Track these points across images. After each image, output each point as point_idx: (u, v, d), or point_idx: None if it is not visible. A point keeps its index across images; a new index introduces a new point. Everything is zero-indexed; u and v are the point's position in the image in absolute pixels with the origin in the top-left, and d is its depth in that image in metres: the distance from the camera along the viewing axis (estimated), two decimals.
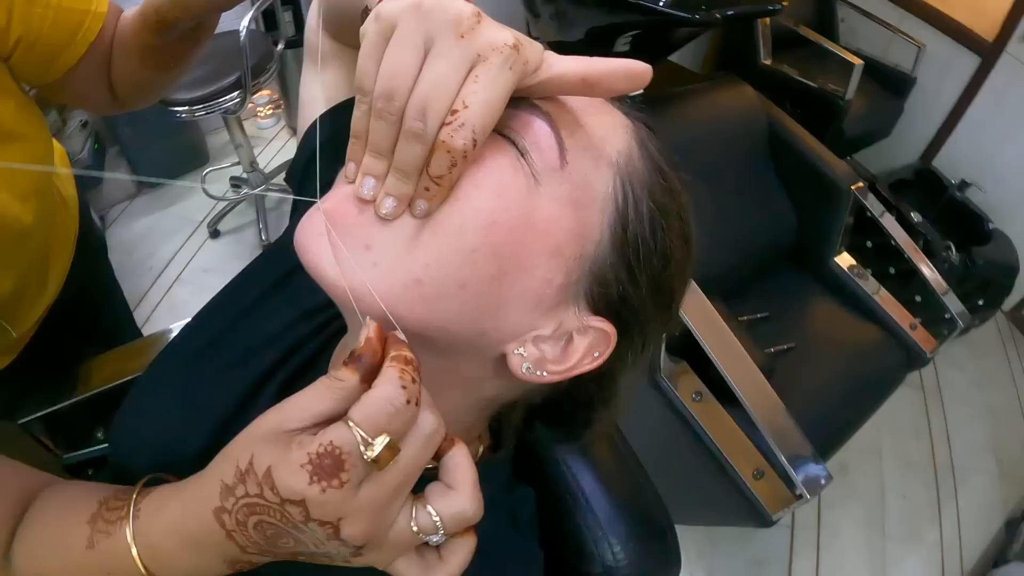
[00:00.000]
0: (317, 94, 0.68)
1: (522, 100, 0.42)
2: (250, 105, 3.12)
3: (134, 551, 0.43)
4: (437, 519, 0.39)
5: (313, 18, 0.66)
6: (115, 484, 0.54)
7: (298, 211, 0.59)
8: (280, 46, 2.58)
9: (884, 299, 1.95)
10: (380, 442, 0.35)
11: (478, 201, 0.40)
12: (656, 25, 1.84)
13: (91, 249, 1.14)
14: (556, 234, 0.42)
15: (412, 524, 0.39)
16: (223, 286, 0.68)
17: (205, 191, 3.00)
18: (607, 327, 0.45)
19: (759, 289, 2.05)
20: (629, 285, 0.45)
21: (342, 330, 0.56)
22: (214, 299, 0.67)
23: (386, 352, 0.38)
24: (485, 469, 0.55)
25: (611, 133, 0.46)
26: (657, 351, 1.40)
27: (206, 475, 0.41)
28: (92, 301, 1.21)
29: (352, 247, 0.41)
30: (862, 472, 2.32)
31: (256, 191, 2.92)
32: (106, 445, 0.97)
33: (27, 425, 1.02)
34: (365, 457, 0.35)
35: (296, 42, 2.76)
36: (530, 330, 0.45)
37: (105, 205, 3.10)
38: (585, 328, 0.46)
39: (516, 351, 0.45)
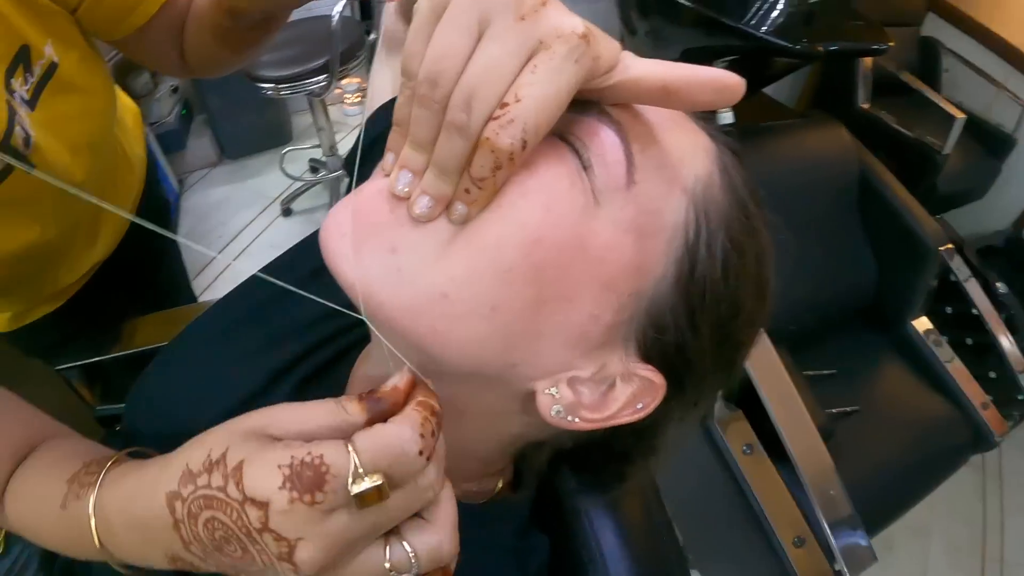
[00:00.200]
0: (385, 82, 0.65)
1: (591, 104, 0.37)
2: (337, 91, 3.15)
3: (92, 522, 0.41)
4: (412, 554, 0.35)
5: (394, 2, 0.63)
6: (125, 447, 0.54)
7: None
8: (373, 35, 2.59)
9: (957, 371, 1.83)
10: (371, 481, 0.32)
11: (523, 213, 0.35)
12: (754, 53, 1.77)
13: (153, 211, 1.14)
14: (611, 264, 0.36)
15: (385, 561, 0.35)
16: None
17: (283, 170, 3.05)
18: (656, 377, 0.39)
19: (829, 343, 1.95)
20: (689, 333, 0.39)
21: (367, 338, 0.51)
22: (250, 279, 0.64)
23: (410, 398, 0.35)
24: (501, 509, 0.50)
25: (690, 154, 0.40)
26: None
27: (171, 458, 0.37)
28: (148, 262, 1.21)
29: (376, 248, 0.36)
30: (907, 551, 2.18)
31: (333, 175, 2.94)
32: None
33: (65, 372, 1.03)
34: (349, 489, 0.32)
35: None
36: (566, 369, 0.39)
37: (186, 170, 3.19)
38: (630, 375, 0.40)
39: (547, 390, 0.39)
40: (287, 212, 3.00)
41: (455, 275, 0.35)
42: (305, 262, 0.61)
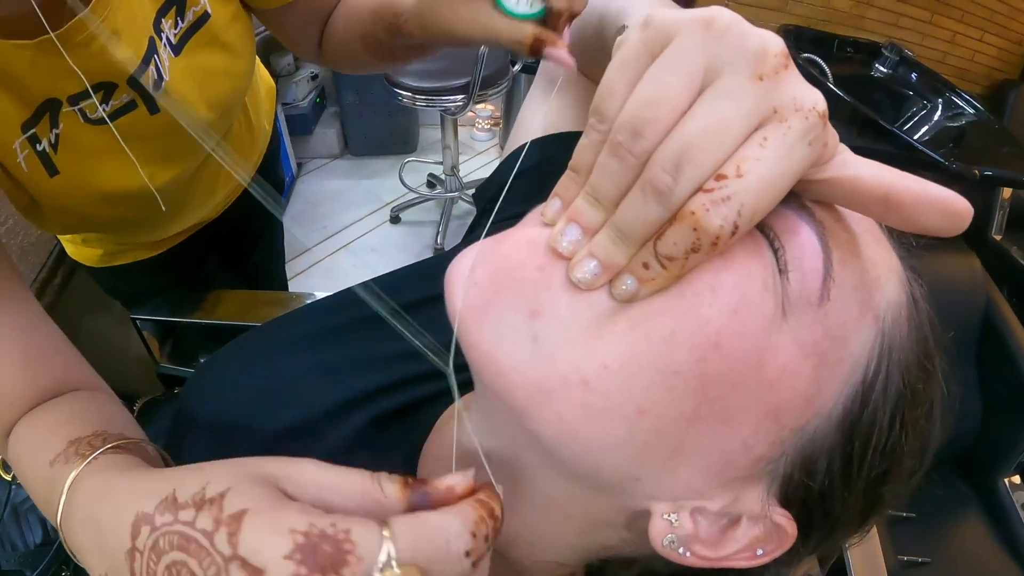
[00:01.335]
0: (538, 117, 0.61)
1: (791, 195, 0.29)
2: (470, 114, 3.20)
3: (63, 498, 0.38)
4: None
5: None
6: (172, 421, 0.53)
7: (475, 232, 0.53)
8: (516, 67, 2.61)
9: None
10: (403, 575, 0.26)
11: (708, 309, 0.29)
12: (903, 162, 1.68)
13: (264, 190, 1.15)
14: (783, 391, 0.30)
15: None
16: (372, 277, 0.62)
17: (401, 178, 3.10)
18: (790, 526, 0.33)
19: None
20: (839, 482, 0.33)
21: (468, 385, 0.42)
22: (351, 288, 0.59)
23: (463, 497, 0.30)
24: None
25: (885, 276, 0.33)
26: None
27: (162, 475, 0.32)
28: (249, 237, 1.23)
29: (513, 307, 0.31)
30: None
31: (448, 195, 2.97)
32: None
33: (139, 322, 1.06)
34: None
35: (532, 68, 2.79)
36: (695, 497, 0.33)
37: (307, 155, 3.28)
38: (762, 517, 0.34)
39: (666, 515, 0.33)
40: (395, 219, 3.03)
41: (607, 362, 0.29)
42: (415, 287, 0.57)
